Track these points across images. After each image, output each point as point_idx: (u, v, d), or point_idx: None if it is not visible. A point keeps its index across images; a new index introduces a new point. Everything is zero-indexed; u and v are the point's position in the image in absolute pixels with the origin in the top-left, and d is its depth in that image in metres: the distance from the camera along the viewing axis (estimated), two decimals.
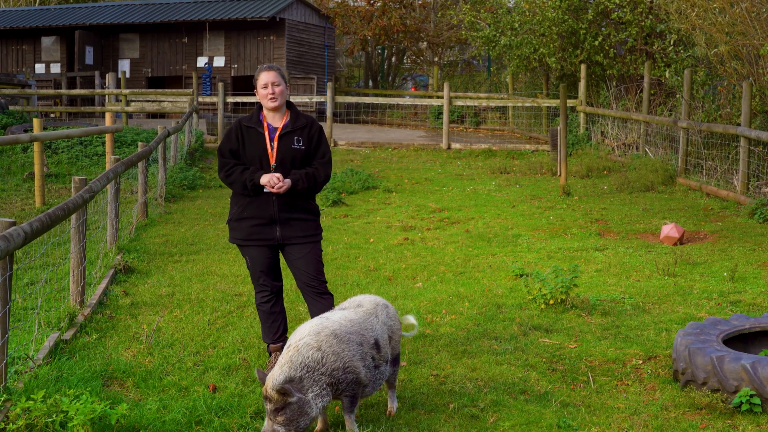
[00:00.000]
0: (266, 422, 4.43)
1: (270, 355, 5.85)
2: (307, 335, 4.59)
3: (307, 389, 4.43)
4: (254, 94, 6.55)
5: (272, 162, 5.61)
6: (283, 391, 4.35)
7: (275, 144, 5.62)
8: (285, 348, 4.63)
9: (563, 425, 4.91)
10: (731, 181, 13.18)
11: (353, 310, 4.94)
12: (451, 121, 22.44)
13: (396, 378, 5.10)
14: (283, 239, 5.66)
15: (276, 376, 4.43)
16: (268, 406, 4.40)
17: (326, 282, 5.77)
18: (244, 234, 5.69)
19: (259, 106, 5.76)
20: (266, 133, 5.65)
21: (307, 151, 5.69)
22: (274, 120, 5.69)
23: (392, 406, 5.08)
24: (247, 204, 5.66)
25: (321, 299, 5.65)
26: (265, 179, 5.52)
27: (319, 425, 4.79)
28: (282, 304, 5.84)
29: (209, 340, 6.43)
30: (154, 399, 5.20)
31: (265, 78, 5.63)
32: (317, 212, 5.81)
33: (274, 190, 5.52)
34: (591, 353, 6.20)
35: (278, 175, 5.52)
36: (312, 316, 5.49)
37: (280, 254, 5.84)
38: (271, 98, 5.61)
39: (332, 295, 5.77)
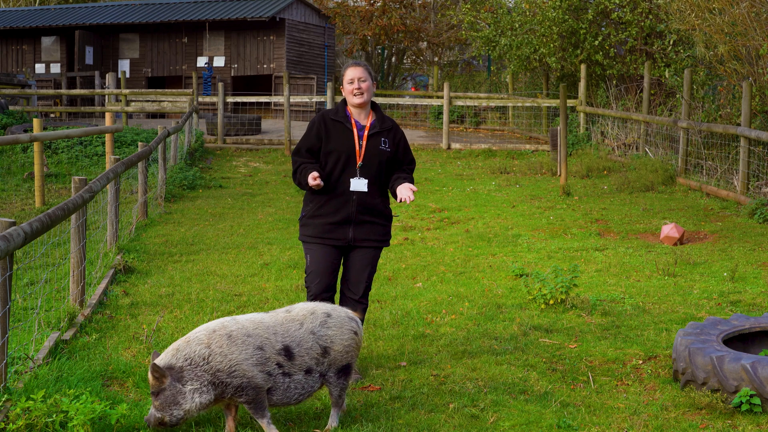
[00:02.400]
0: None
1: None
2: (203, 330, 4.60)
3: (186, 381, 4.45)
4: (254, 94, 6.48)
5: (359, 161, 5.47)
6: (156, 373, 4.42)
7: (364, 143, 5.48)
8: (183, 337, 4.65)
9: (563, 425, 4.91)
10: (731, 181, 13.18)
11: (273, 313, 4.82)
12: (451, 121, 22.44)
13: (342, 393, 4.81)
14: (354, 240, 5.50)
15: (158, 360, 4.50)
16: (150, 389, 4.50)
17: (369, 288, 5.59)
18: (316, 231, 5.51)
19: (343, 101, 5.61)
20: (354, 130, 5.50)
21: (393, 155, 5.55)
22: (360, 117, 5.55)
23: (330, 424, 4.80)
24: (325, 202, 5.49)
25: (353, 307, 5.37)
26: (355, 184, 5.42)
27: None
28: None
29: None
30: None
31: (352, 73, 5.48)
32: (391, 217, 5.67)
33: (406, 197, 5.37)
34: (591, 353, 6.20)
35: (315, 174, 5.34)
36: None
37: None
38: (356, 93, 5.46)
39: (366, 305, 5.62)
